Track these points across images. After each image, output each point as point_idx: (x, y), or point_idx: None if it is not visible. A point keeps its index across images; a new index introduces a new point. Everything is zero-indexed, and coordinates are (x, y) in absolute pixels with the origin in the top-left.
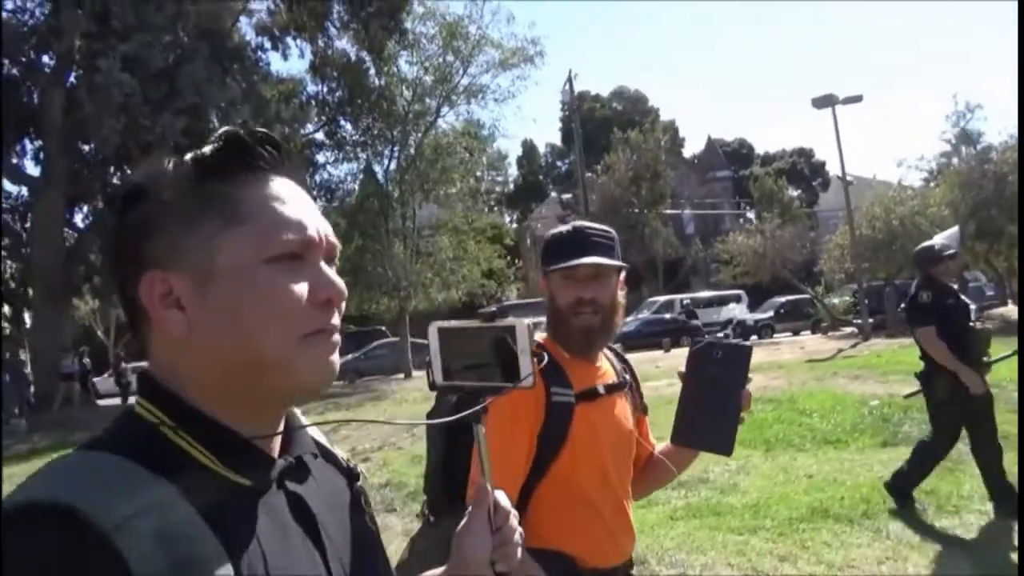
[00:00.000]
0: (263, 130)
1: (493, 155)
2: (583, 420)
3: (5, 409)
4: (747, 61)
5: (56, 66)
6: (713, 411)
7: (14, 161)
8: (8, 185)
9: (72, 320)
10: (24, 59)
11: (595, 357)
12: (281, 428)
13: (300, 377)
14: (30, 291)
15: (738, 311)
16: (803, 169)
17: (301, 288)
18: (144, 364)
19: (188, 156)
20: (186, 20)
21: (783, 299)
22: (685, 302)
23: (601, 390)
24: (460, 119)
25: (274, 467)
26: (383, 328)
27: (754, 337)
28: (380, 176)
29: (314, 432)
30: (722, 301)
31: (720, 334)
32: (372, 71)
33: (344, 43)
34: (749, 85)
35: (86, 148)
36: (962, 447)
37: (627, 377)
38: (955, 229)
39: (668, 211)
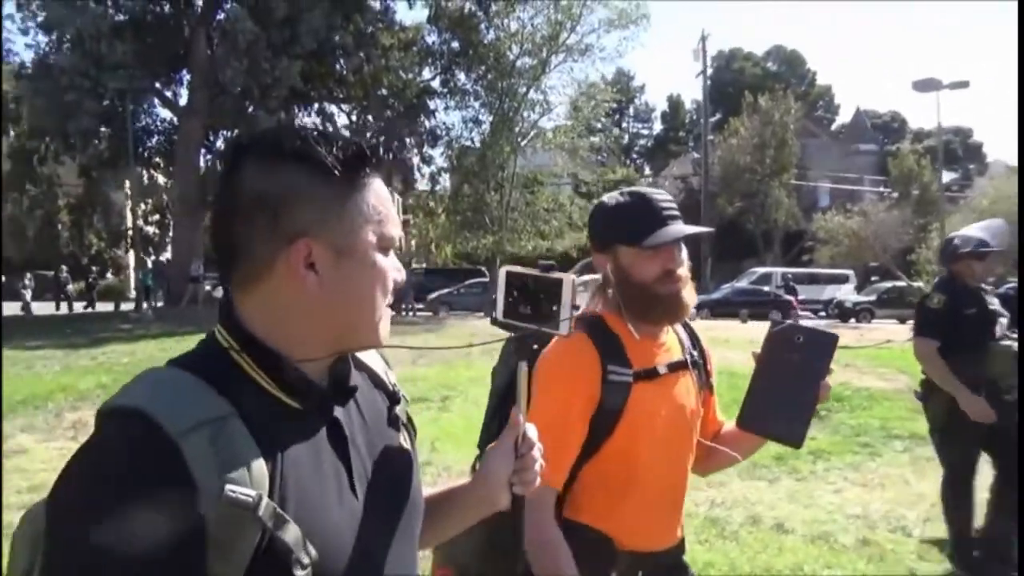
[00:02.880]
0: (370, 141)
1: (640, 107)
2: (640, 400)
3: (142, 301)
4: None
5: (203, 7)
6: (787, 399)
7: (167, 93)
8: (161, 111)
9: (204, 230)
10: None
11: (660, 332)
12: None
13: (379, 339)
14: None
15: (842, 292)
16: (956, 149)
17: (392, 272)
18: None
19: (334, 148)
20: None
21: (888, 284)
22: (787, 276)
23: (662, 370)
24: (565, 75)
25: (319, 392)
26: (482, 268)
27: (852, 320)
28: (487, 125)
29: (374, 356)
30: (829, 280)
31: (806, 316)
32: (483, 25)
33: None
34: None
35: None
36: None
37: (695, 353)
38: (999, 221)
39: (796, 182)
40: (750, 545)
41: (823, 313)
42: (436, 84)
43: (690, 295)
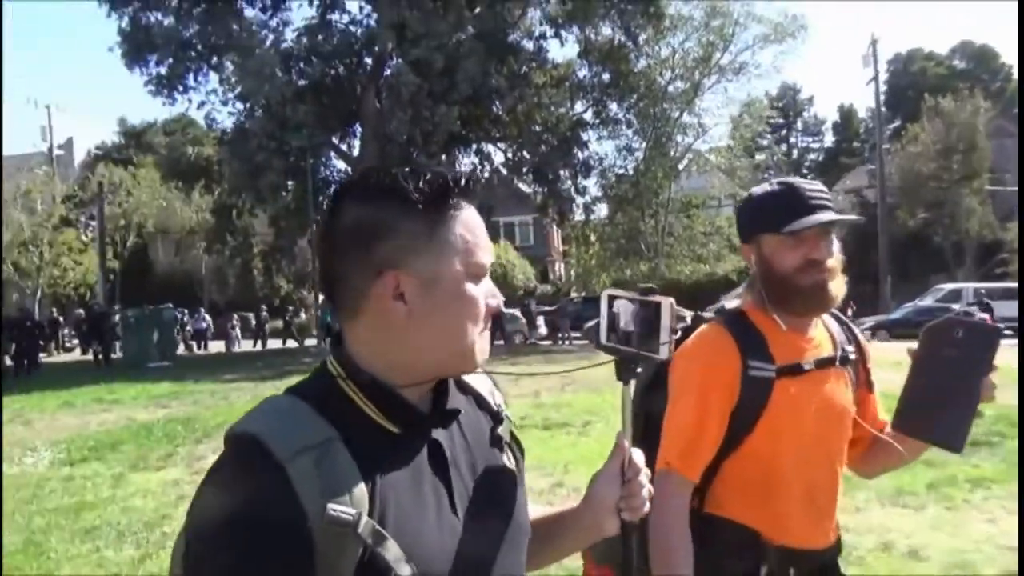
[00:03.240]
0: (456, 170)
1: (810, 120)
2: (784, 396)
3: (322, 336)
4: None
5: (372, 67)
6: (944, 398)
7: (343, 147)
8: (337, 163)
9: None
10: (349, 62)
11: (808, 326)
12: (430, 386)
13: (475, 361)
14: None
15: None
16: None
17: (483, 299)
18: None
19: (420, 183)
20: (465, 25)
21: None
22: (980, 292)
23: (808, 365)
24: (719, 96)
25: (419, 416)
26: None
27: None
28: (640, 152)
29: (480, 379)
30: None
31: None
32: (633, 55)
33: (607, 29)
34: None
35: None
36: None
37: (848, 349)
38: None
39: (990, 187)
40: (875, 570)
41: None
42: (588, 116)
43: (838, 287)
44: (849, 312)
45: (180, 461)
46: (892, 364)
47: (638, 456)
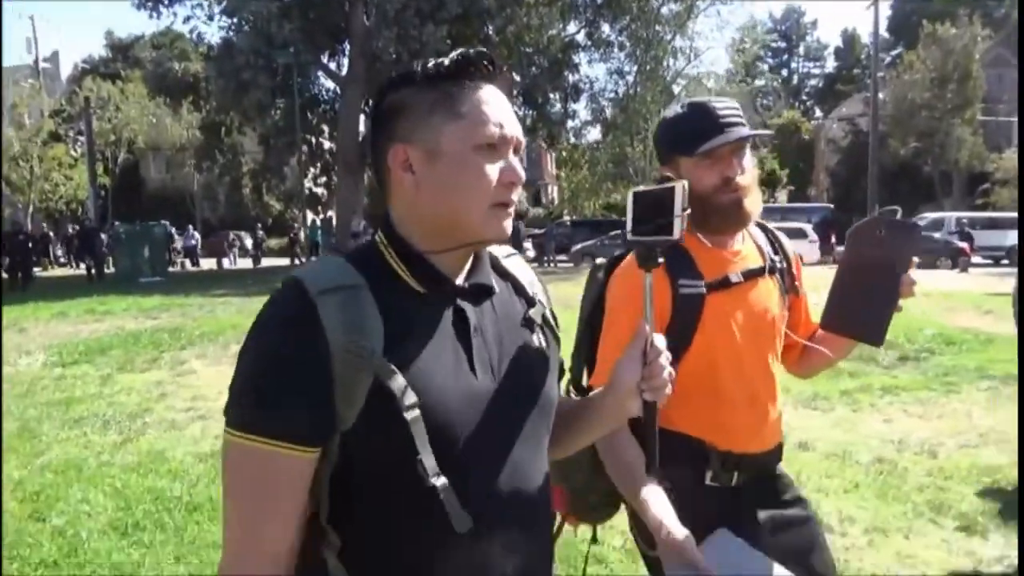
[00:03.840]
0: (485, 50)
1: (812, 45)
2: (715, 310)
3: (309, 254)
4: None
5: None
6: (866, 296)
7: (331, 65)
8: (325, 81)
9: (366, 189)
10: None
11: (732, 241)
12: (466, 263)
13: (482, 234)
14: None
15: None
16: None
17: (494, 171)
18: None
19: (430, 63)
20: None
21: None
22: (962, 220)
23: (736, 278)
24: (713, 19)
25: (444, 281)
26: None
27: None
28: (631, 77)
29: (522, 268)
30: (1012, 224)
31: (984, 263)
32: None
33: None
34: None
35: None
36: None
37: (776, 259)
38: None
39: (984, 117)
40: None
41: (1005, 261)
42: (581, 37)
43: (753, 203)
44: (833, 239)
45: (164, 365)
46: None
47: (659, 340)
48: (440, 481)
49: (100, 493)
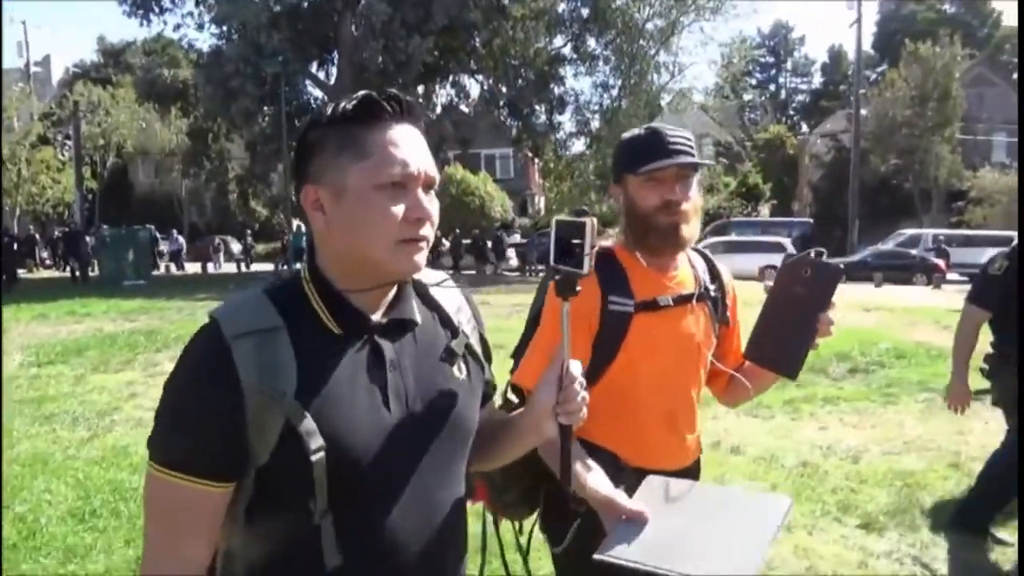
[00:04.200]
0: (393, 91)
1: (800, 60)
2: (640, 331)
3: (291, 260)
4: None
5: None
6: (787, 330)
7: (319, 75)
8: (312, 90)
9: None
10: None
11: (670, 265)
12: (387, 297)
13: (390, 269)
14: None
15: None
16: None
17: (398, 209)
18: None
19: (340, 105)
20: None
21: None
22: (939, 238)
23: (665, 301)
24: (696, 35)
25: (360, 320)
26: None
27: None
28: (615, 91)
29: (452, 297)
30: (988, 242)
31: (959, 280)
32: None
33: None
34: None
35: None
36: None
37: (711, 288)
38: None
39: (963, 136)
40: None
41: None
42: (567, 51)
43: (691, 229)
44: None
45: (138, 366)
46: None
47: (575, 366)
48: (326, 520)
49: (63, 484)
